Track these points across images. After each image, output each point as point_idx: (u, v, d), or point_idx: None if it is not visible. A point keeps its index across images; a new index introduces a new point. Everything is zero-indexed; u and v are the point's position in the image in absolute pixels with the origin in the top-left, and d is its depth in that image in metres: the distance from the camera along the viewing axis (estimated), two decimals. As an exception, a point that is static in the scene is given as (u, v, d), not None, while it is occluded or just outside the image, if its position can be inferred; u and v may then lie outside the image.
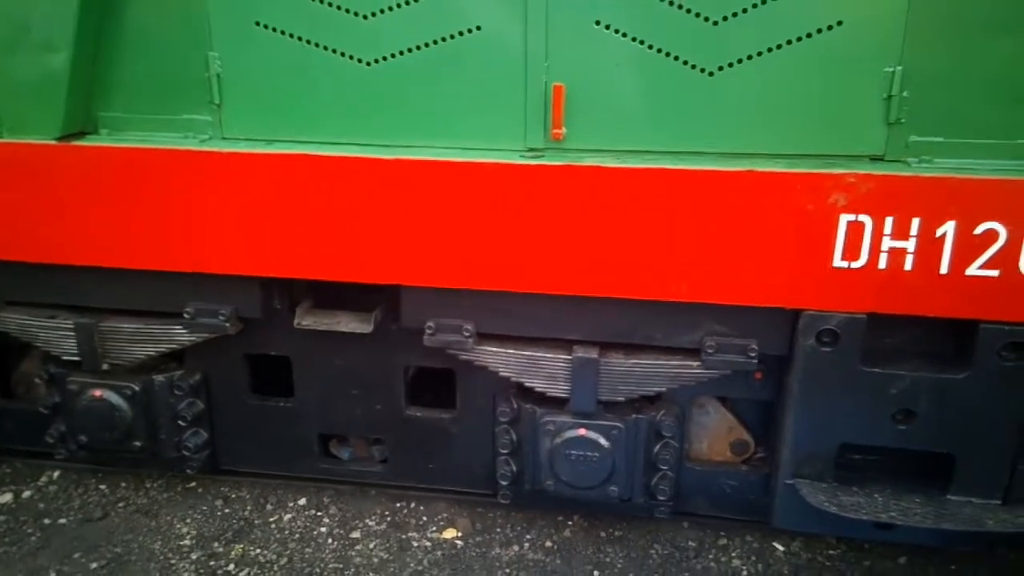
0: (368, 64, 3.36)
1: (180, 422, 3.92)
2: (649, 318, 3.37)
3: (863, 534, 3.59)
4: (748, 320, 3.30)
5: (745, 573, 3.78)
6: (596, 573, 3.77)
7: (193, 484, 4.33)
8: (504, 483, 3.78)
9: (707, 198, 3.07)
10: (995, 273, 2.98)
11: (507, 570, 3.79)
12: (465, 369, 3.74)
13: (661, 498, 3.66)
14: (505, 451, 3.73)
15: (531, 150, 3.36)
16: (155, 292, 3.68)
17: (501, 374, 3.55)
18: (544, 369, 3.49)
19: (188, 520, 4.10)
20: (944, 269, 3.02)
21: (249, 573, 3.76)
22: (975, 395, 3.18)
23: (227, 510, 4.17)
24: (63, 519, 4.12)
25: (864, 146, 3.17)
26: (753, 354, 3.31)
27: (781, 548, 3.92)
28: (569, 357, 3.45)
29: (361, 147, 3.40)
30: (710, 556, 3.88)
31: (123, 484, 4.36)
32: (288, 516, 4.12)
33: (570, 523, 4.08)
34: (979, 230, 2.94)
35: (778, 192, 3.02)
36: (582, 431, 3.55)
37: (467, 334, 3.49)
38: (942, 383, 3.19)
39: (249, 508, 4.18)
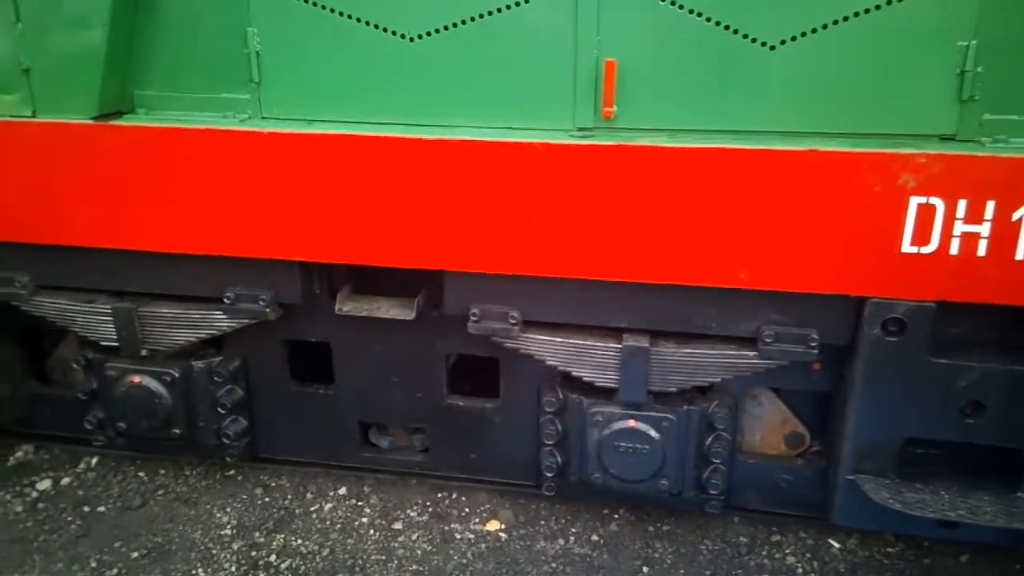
0: (412, 40, 3.24)
1: (220, 409, 3.85)
2: (704, 306, 3.23)
3: (926, 532, 3.43)
4: (808, 308, 3.15)
5: (800, 571, 3.64)
6: (645, 569, 3.66)
7: (232, 472, 4.27)
8: (549, 475, 3.67)
9: (768, 180, 2.92)
10: (1075, 260, 2.81)
11: (553, 564, 3.68)
12: (509, 357, 3.63)
13: (713, 492, 3.53)
14: (550, 442, 3.61)
15: (580, 129, 3.22)
16: (194, 276, 3.60)
17: (548, 363, 3.42)
18: (593, 358, 3.36)
19: (228, 509, 4.04)
20: (1020, 255, 2.84)
21: (291, 564, 3.69)
22: (1050, 388, 3.01)
23: (267, 499, 4.10)
24: (102, 507, 4.08)
25: (934, 125, 2.99)
26: (813, 344, 3.15)
27: (837, 545, 3.77)
28: (619, 346, 3.32)
29: (404, 127, 3.28)
30: (763, 553, 3.74)
31: (161, 471, 4.31)
32: (329, 506, 4.05)
33: (616, 516, 3.96)
34: (1059, 214, 2.77)
35: (844, 173, 2.86)
36: (632, 422, 3.42)
37: (513, 321, 3.37)
38: (1015, 375, 3.02)
39: (289, 497, 4.11)
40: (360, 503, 4.07)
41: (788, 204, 2.93)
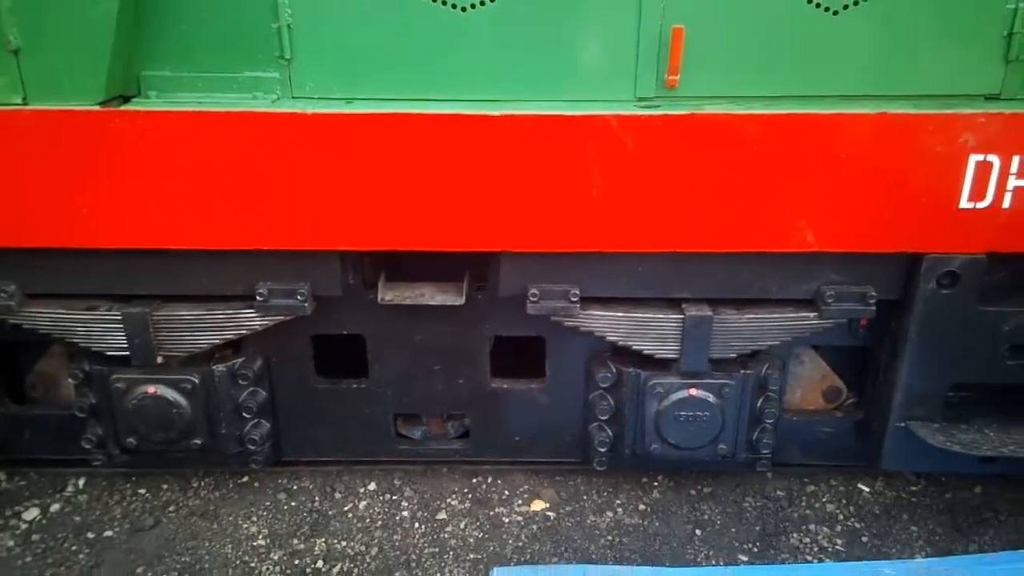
0: (463, 10, 3.07)
1: (244, 414, 3.57)
2: (765, 271, 3.27)
3: (968, 468, 3.64)
4: (866, 266, 3.24)
5: (841, 516, 3.80)
6: (698, 532, 3.71)
7: (246, 479, 4.00)
8: (602, 450, 3.63)
9: (837, 144, 2.96)
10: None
11: (608, 537, 3.68)
12: (556, 336, 3.56)
13: (764, 452, 3.61)
14: (603, 417, 3.58)
15: (641, 99, 3.17)
16: (217, 274, 3.30)
17: (608, 339, 3.38)
18: (654, 330, 3.34)
19: (254, 518, 3.78)
20: (1066, 205, 3.03)
21: (342, 568, 3.50)
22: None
23: (293, 503, 3.87)
24: (109, 531, 3.71)
25: (980, 85, 3.15)
26: (872, 301, 3.26)
27: (867, 489, 3.96)
28: (681, 316, 3.31)
29: (453, 103, 3.12)
30: (803, 503, 3.88)
31: (164, 486, 3.97)
32: (363, 503, 3.86)
33: (656, 484, 3.99)
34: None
35: (911, 135, 2.94)
36: (692, 391, 3.44)
37: (573, 299, 3.29)
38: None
39: (317, 498, 3.89)
40: (395, 497, 3.90)
41: (857, 167, 2.99)
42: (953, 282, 3.19)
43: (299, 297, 3.30)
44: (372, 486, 3.96)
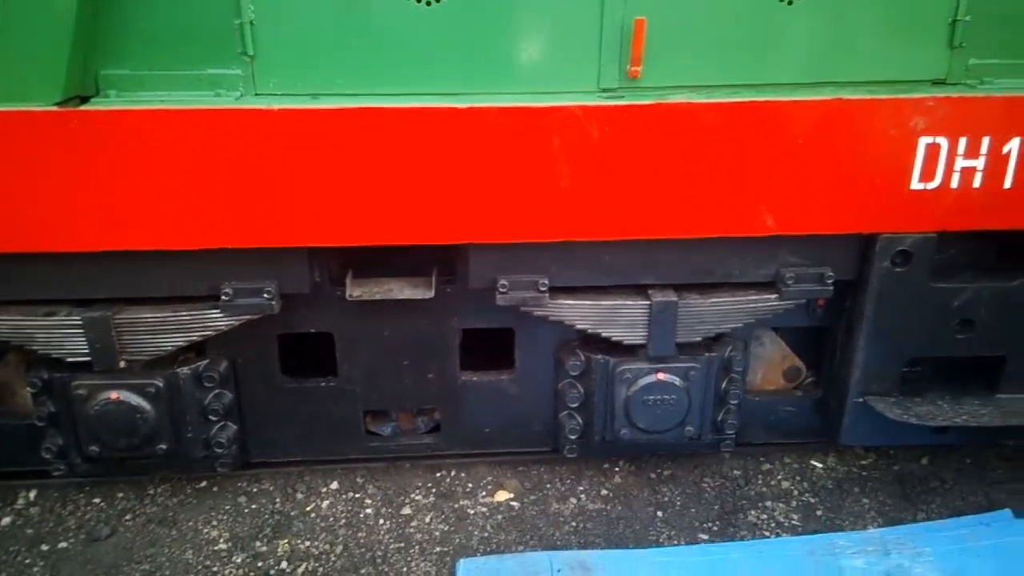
0: (428, 4, 3.07)
1: (210, 416, 3.50)
2: (728, 255, 3.36)
3: (922, 440, 3.79)
4: (823, 248, 3.36)
5: (796, 492, 3.92)
6: (659, 513, 3.78)
7: (204, 484, 3.91)
8: (572, 437, 3.68)
9: (794, 129, 3.06)
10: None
11: (573, 523, 3.72)
12: (525, 326, 3.59)
13: (729, 432, 3.71)
14: (573, 405, 3.63)
15: (604, 90, 3.22)
16: (181, 274, 3.23)
17: (578, 327, 3.42)
18: (623, 317, 3.40)
19: (214, 523, 3.70)
20: (1008, 184, 3.18)
21: (307, 568, 3.45)
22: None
23: (254, 506, 3.80)
24: (64, 542, 3.59)
25: (927, 70, 3.29)
26: (829, 281, 3.38)
27: (819, 465, 4.09)
28: (648, 303, 3.38)
29: (418, 97, 3.12)
30: (759, 481, 3.99)
31: (120, 495, 3.85)
32: (326, 503, 3.82)
33: (617, 469, 4.05)
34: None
35: (864, 119, 3.06)
36: (660, 375, 3.50)
37: (542, 289, 3.33)
38: (1000, 291, 3.39)
39: (278, 500, 3.83)
40: (358, 495, 3.87)
41: (815, 152, 3.09)
42: (906, 260, 3.33)
43: (266, 295, 3.25)
44: (334, 485, 3.92)
